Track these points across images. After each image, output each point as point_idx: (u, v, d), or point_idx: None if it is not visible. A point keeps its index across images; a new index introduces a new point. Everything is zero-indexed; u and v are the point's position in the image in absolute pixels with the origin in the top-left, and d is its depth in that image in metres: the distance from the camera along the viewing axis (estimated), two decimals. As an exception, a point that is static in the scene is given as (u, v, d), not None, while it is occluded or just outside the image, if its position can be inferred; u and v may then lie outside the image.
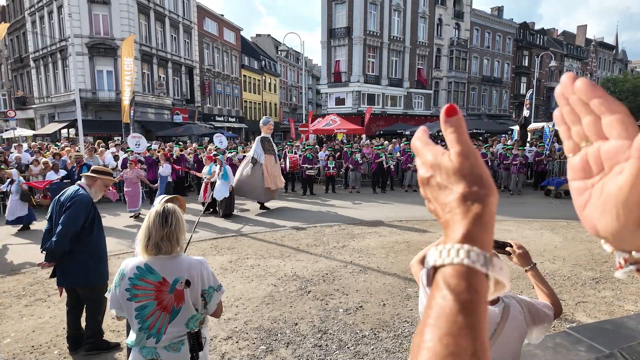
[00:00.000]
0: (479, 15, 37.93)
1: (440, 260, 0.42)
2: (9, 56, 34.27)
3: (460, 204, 0.43)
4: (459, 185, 0.44)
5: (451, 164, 0.45)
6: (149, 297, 1.94)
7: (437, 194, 0.46)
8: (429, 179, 0.47)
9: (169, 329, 1.98)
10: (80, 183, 3.59)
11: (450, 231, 0.44)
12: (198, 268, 2.01)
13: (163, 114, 28.06)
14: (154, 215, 1.98)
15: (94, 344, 3.64)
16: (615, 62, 56.95)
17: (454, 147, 0.45)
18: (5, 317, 4.41)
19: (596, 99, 0.42)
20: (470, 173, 0.44)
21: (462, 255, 0.41)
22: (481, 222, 0.42)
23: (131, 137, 12.40)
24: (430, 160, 0.47)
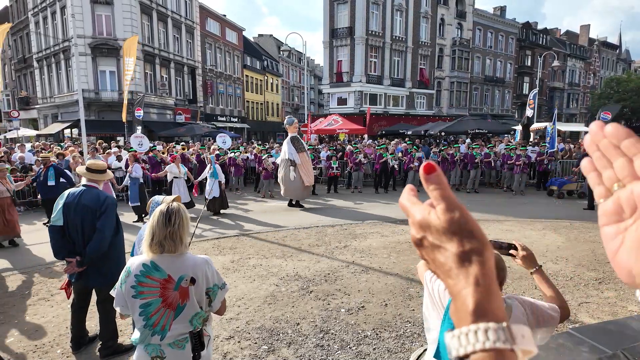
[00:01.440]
0: (482, 15, 37.84)
1: (463, 349, 0.40)
2: (13, 56, 34.44)
3: (458, 265, 0.42)
4: (452, 244, 0.43)
5: (439, 222, 0.44)
6: (154, 295, 1.96)
7: (433, 255, 0.45)
8: (422, 240, 0.46)
9: (174, 325, 2.00)
10: (91, 184, 3.55)
11: (460, 304, 0.42)
12: (203, 266, 2.04)
13: (165, 114, 28.13)
14: (158, 215, 2.00)
15: (111, 348, 3.57)
16: (619, 62, 56.68)
17: (439, 204, 0.45)
18: (9, 317, 4.43)
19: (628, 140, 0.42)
20: (460, 229, 0.43)
21: (482, 339, 0.39)
22: (485, 284, 0.41)
23: (134, 137, 12.43)
24: (419, 220, 0.46)
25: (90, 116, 23.06)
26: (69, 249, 3.44)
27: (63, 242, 3.43)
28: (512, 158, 13.06)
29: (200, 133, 24.50)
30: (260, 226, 8.59)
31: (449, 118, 28.05)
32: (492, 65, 39.58)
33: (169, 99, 28.36)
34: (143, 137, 12.66)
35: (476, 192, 13.13)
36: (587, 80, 51.42)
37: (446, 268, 0.44)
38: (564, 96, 48.20)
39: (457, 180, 13.74)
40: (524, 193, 12.79)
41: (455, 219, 0.43)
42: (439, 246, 0.44)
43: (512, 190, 12.93)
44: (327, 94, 31.90)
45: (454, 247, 0.42)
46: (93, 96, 24.29)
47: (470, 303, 0.40)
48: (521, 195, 12.61)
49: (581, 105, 50.83)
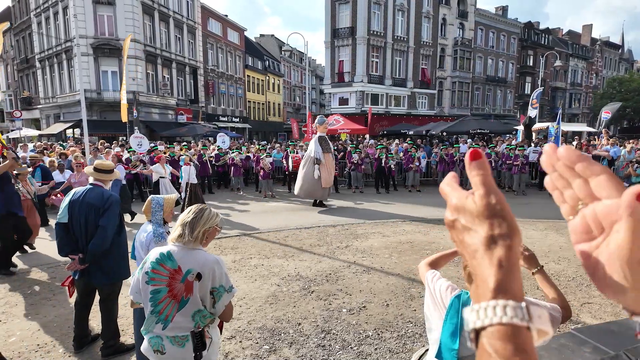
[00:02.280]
0: (483, 14, 37.77)
1: (480, 321, 0.41)
2: (15, 57, 34.55)
3: (484, 246, 0.43)
4: (482, 227, 0.44)
5: (475, 206, 0.45)
6: (163, 283, 2.06)
7: (462, 237, 0.47)
8: (454, 222, 0.48)
9: (176, 317, 2.07)
10: (96, 182, 3.59)
11: (481, 282, 0.44)
12: (211, 265, 2.10)
13: (167, 114, 28.18)
14: (188, 207, 2.26)
15: (113, 347, 3.58)
16: (621, 62, 56.50)
17: (478, 189, 0.46)
18: (11, 316, 4.44)
19: (580, 164, 0.44)
20: (493, 214, 0.44)
21: (500, 313, 0.40)
22: (508, 266, 0.42)
23: (134, 137, 12.46)
24: (455, 204, 0.48)
25: (92, 116, 23.13)
26: (72, 246, 3.48)
27: (67, 239, 3.47)
28: (511, 158, 13.04)
29: (202, 133, 24.53)
30: (262, 226, 8.59)
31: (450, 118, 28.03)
32: (494, 65, 39.50)
33: (171, 99, 28.40)
34: (142, 137, 12.68)
35: (478, 192, 13.11)
36: (589, 80, 51.27)
37: (473, 249, 0.45)
38: (566, 96, 48.06)
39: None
40: (525, 193, 12.76)
41: (492, 204, 0.44)
42: (469, 228, 0.46)
43: (514, 191, 12.90)
44: (329, 94, 31.89)
45: (485, 230, 0.44)
46: (95, 96, 24.35)
47: (491, 282, 0.42)
48: (523, 195, 12.58)
49: (583, 105, 50.70)
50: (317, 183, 10.17)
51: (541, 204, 11.07)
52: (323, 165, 10.11)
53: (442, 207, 4.88)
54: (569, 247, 6.94)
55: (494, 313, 0.41)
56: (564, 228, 8.27)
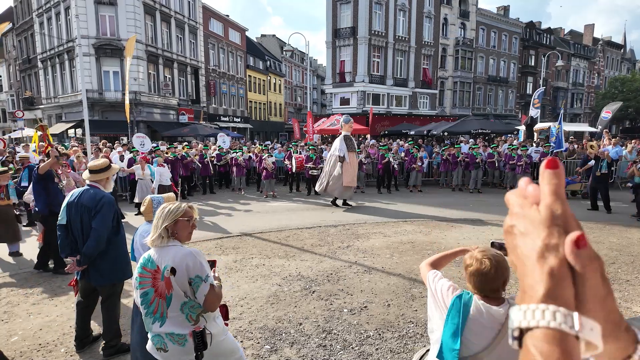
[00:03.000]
0: (485, 14, 37.71)
1: (526, 322, 0.41)
2: (17, 57, 34.64)
3: (538, 254, 0.43)
4: (540, 235, 0.44)
5: (538, 215, 0.45)
6: (148, 284, 2.14)
7: (517, 242, 0.47)
8: (512, 227, 0.48)
9: (169, 313, 2.13)
10: (92, 184, 3.59)
11: (528, 288, 0.43)
12: (183, 257, 2.13)
13: (169, 114, 28.21)
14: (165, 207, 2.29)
15: (114, 347, 3.58)
16: (624, 62, 56.34)
17: (546, 198, 0.46)
18: (13, 315, 4.45)
19: None
20: (555, 224, 0.44)
21: (549, 317, 0.40)
22: (560, 276, 0.41)
23: (136, 137, 12.48)
24: (517, 212, 0.48)
25: (94, 116, 23.16)
26: (72, 247, 3.50)
27: (67, 240, 3.50)
28: (514, 158, 13.01)
29: (204, 133, 24.55)
30: (263, 226, 8.59)
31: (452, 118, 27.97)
32: (495, 65, 39.44)
33: (172, 99, 28.43)
34: (145, 137, 12.70)
35: (479, 192, 13.09)
36: (591, 80, 51.14)
37: (525, 255, 0.45)
38: (568, 96, 47.96)
39: (459, 180, 13.70)
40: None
41: (556, 214, 0.44)
42: (526, 235, 0.45)
43: (516, 191, 12.86)
44: (330, 94, 31.89)
45: (542, 238, 0.43)
46: (97, 96, 24.40)
47: (541, 289, 0.41)
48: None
49: (585, 105, 50.58)
50: (338, 181, 10.20)
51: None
52: (347, 164, 10.15)
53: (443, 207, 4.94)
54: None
55: (542, 316, 0.40)
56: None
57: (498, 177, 14.54)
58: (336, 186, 10.31)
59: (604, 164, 9.62)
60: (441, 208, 10.33)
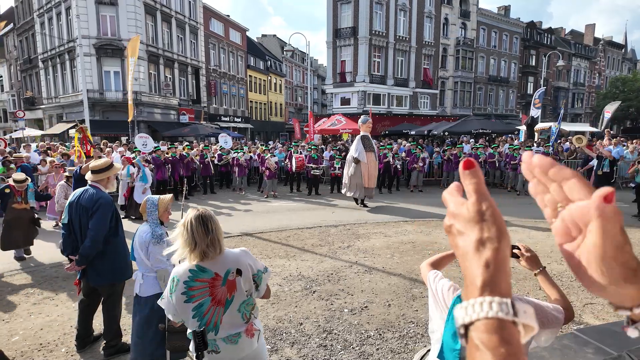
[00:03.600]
0: (486, 14, 37.69)
1: (468, 317, 0.44)
2: (18, 57, 34.68)
3: (474, 249, 0.46)
4: (473, 231, 0.47)
5: (468, 213, 0.48)
6: (204, 295, 2.03)
7: (456, 241, 0.50)
8: (451, 227, 0.51)
9: (224, 319, 2.08)
10: (93, 184, 3.57)
11: (469, 282, 0.46)
12: (244, 257, 2.14)
13: (169, 114, 28.23)
14: (195, 224, 2.01)
15: (115, 347, 3.58)
16: (625, 61, 56.27)
17: (471, 196, 0.49)
18: (14, 315, 4.46)
19: (552, 169, 0.49)
20: (484, 220, 0.47)
21: (486, 308, 0.43)
22: (495, 266, 0.45)
23: (138, 137, 12.49)
24: (452, 210, 0.52)
25: (94, 116, 23.20)
26: (73, 246, 3.51)
27: (69, 240, 3.51)
28: (515, 158, 12.99)
29: (205, 133, 24.57)
30: (264, 226, 8.60)
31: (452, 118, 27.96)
32: (496, 65, 39.41)
33: (173, 99, 28.45)
34: (147, 137, 12.71)
35: (480, 192, 13.08)
36: (592, 79, 51.08)
37: (464, 251, 0.48)
38: (569, 96, 47.91)
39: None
40: (528, 193, 12.70)
41: (482, 211, 0.47)
42: (462, 233, 0.49)
43: (517, 191, 12.87)
44: (331, 94, 31.88)
45: (475, 234, 0.47)
46: (97, 96, 24.42)
47: (478, 281, 0.45)
48: (525, 195, 12.54)
49: (586, 105, 50.53)
50: (360, 180, 10.12)
51: (544, 204, 11.03)
52: (365, 164, 10.09)
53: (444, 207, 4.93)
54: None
55: (480, 308, 0.43)
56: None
57: (499, 178, 14.53)
58: (354, 185, 10.23)
59: (606, 163, 9.61)
60: (442, 208, 10.31)
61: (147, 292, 3.12)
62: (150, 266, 3.09)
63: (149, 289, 3.12)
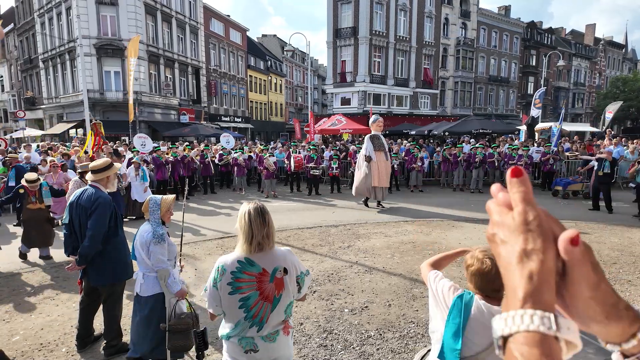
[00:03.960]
0: (486, 14, 37.68)
1: (507, 329, 0.42)
2: (19, 57, 34.70)
3: (517, 259, 0.45)
4: (517, 242, 0.46)
5: (513, 222, 0.47)
6: (252, 288, 2.02)
7: (499, 250, 0.49)
8: (494, 236, 0.50)
9: (271, 317, 2.07)
10: (92, 184, 3.57)
11: (510, 292, 0.45)
12: (290, 256, 2.14)
13: (170, 114, 28.24)
14: (254, 215, 2.05)
15: (115, 347, 3.57)
16: (625, 61, 56.24)
17: (517, 205, 0.48)
18: (15, 315, 4.46)
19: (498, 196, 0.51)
20: (529, 230, 0.46)
21: (527, 321, 0.41)
22: (539, 278, 0.43)
23: (137, 137, 12.49)
24: (496, 219, 0.50)
25: (95, 116, 23.14)
26: (74, 246, 3.51)
27: (70, 239, 3.51)
28: (514, 158, 12.99)
29: (205, 133, 24.57)
30: (264, 226, 8.58)
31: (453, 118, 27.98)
32: (496, 65, 39.40)
33: (173, 99, 28.46)
34: (146, 137, 12.72)
35: (480, 192, 13.08)
36: (592, 79, 51.06)
37: (506, 261, 0.46)
38: (569, 96, 47.89)
39: (460, 180, 13.69)
40: (528, 193, 12.70)
41: (528, 221, 0.46)
42: (506, 242, 0.47)
43: (517, 191, 12.84)
44: (331, 94, 31.88)
45: (519, 244, 0.45)
46: (98, 96, 24.43)
47: (520, 292, 0.43)
48: (526, 195, 12.53)
49: (586, 105, 50.50)
50: (365, 181, 9.97)
51: (544, 204, 10.96)
52: (374, 163, 9.93)
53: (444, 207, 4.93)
54: (572, 247, 6.90)
55: (521, 321, 0.42)
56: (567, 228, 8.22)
57: (499, 177, 14.51)
58: (365, 186, 10.06)
59: (607, 164, 9.60)
60: (442, 208, 10.32)
61: (147, 291, 3.12)
62: (151, 266, 3.09)
63: (150, 289, 3.12)
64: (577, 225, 8.39)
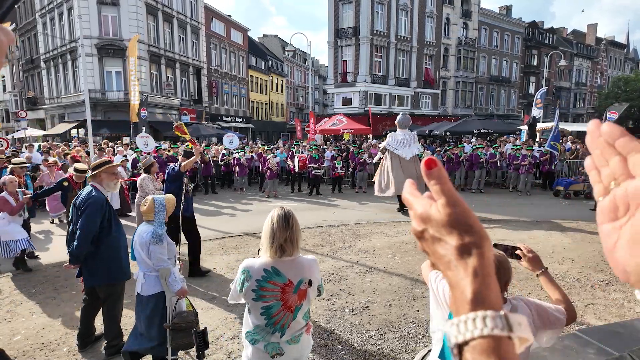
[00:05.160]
0: (487, 14, 37.65)
1: (461, 336, 0.41)
2: (20, 57, 34.79)
3: (457, 257, 0.43)
4: (451, 237, 0.44)
5: (440, 216, 0.45)
6: (275, 298, 2.02)
7: (433, 248, 0.46)
8: (423, 233, 0.47)
9: (292, 325, 2.08)
10: (92, 183, 3.59)
11: (459, 293, 0.43)
12: (316, 267, 2.15)
13: (171, 114, 28.27)
14: (277, 218, 2.07)
15: (116, 347, 3.56)
16: (627, 61, 56.12)
17: (439, 198, 0.45)
18: (16, 315, 4.47)
19: (621, 139, 0.43)
20: (459, 223, 0.44)
21: (480, 325, 0.40)
22: (483, 275, 0.42)
23: (139, 137, 12.52)
24: (420, 213, 0.47)
25: (96, 116, 23.23)
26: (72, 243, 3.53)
27: (72, 238, 3.53)
28: (517, 158, 12.97)
29: (206, 133, 24.59)
30: (265, 226, 8.58)
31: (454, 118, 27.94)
32: (497, 65, 39.37)
33: (175, 99, 28.50)
34: (148, 137, 12.74)
35: (481, 192, 13.06)
36: (594, 79, 50.97)
37: (446, 260, 0.45)
38: (571, 96, 47.81)
39: (462, 180, 13.68)
40: (530, 193, 12.69)
41: (455, 213, 0.44)
42: (439, 239, 0.45)
43: (518, 191, 12.84)
44: (332, 94, 31.88)
45: (454, 240, 0.43)
46: (99, 96, 24.48)
47: (468, 292, 0.41)
48: (527, 195, 12.52)
49: (588, 105, 50.41)
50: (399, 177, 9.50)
51: (545, 205, 11.02)
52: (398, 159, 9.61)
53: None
54: (573, 247, 6.90)
55: (474, 325, 0.40)
56: (568, 229, 8.23)
57: (501, 178, 14.51)
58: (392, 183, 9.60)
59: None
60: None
61: (148, 291, 3.13)
62: (152, 265, 3.10)
63: (151, 288, 3.13)
64: (578, 226, 8.38)
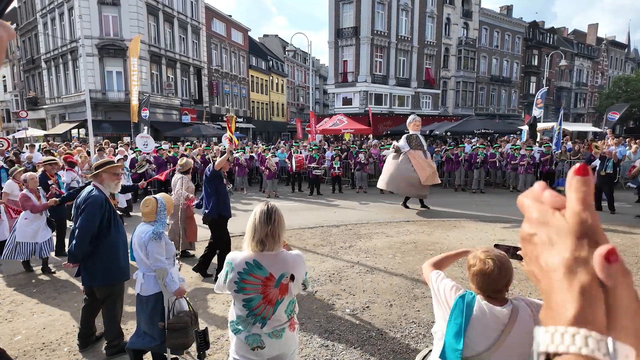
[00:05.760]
0: (488, 14, 37.62)
1: (554, 346, 0.37)
2: (21, 57, 34.81)
3: (566, 268, 0.39)
4: (567, 247, 0.40)
5: (564, 223, 0.41)
6: (256, 291, 2.04)
7: (538, 253, 0.43)
8: (532, 237, 0.44)
9: (273, 317, 2.10)
10: (93, 183, 3.59)
11: (555, 305, 0.39)
12: (301, 263, 2.14)
13: (171, 114, 28.30)
14: (259, 213, 2.10)
15: (117, 347, 3.56)
16: (627, 61, 56.05)
17: (575, 205, 0.42)
18: (17, 315, 4.47)
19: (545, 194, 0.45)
20: (584, 236, 0.40)
21: (580, 343, 0.36)
22: (592, 295, 0.37)
23: (139, 137, 12.52)
24: (536, 217, 0.44)
25: (97, 116, 23.24)
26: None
27: (72, 236, 3.53)
28: (516, 158, 12.96)
29: (207, 133, 24.61)
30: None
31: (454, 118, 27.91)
32: (498, 65, 39.34)
33: (175, 99, 28.51)
34: (148, 137, 12.75)
35: (482, 192, 13.05)
36: (594, 79, 50.91)
37: (550, 268, 0.41)
38: (572, 96, 47.76)
39: (462, 180, 13.67)
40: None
41: (587, 223, 0.40)
42: (551, 246, 0.42)
43: (518, 191, 12.83)
44: (332, 94, 31.88)
45: (570, 250, 0.40)
46: (100, 96, 24.50)
47: (571, 309, 0.38)
48: (528, 195, 12.49)
49: (589, 105, 50.36)
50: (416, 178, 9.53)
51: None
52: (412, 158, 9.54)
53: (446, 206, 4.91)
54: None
55: (572, 341, 0.36)
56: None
57: (501, 177, 14.49)
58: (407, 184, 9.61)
59: (610, 164, 9.56)
60: (444, 208, 10.30)
61: (148, 291, 3.13)
62: (150, 265, 3.10)
63: (150, 289, 3.13)
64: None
